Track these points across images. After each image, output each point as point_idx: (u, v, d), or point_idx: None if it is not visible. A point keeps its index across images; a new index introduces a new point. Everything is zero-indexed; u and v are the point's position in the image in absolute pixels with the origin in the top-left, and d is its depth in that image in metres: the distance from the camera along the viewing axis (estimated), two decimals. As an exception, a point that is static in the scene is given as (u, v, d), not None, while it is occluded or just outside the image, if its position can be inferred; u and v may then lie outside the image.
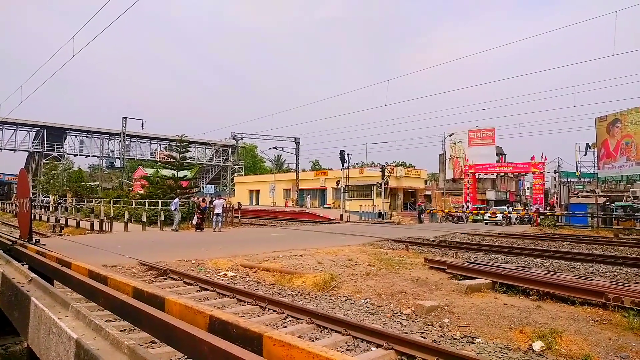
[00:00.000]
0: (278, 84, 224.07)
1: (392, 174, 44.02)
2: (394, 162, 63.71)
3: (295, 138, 54.84)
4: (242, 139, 57.22)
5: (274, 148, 55.37)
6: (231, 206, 29.71)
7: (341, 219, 36.86)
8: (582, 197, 36.57)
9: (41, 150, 56.17)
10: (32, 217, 7.88)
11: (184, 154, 33.03)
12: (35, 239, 5.96)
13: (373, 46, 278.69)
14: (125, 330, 4.94)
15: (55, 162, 56.15)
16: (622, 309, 6.12)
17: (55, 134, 57.12)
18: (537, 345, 5.09)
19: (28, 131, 56.25)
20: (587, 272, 10.34)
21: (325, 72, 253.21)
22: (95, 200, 37.17)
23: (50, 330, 2.60)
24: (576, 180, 51.12)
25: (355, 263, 10.42)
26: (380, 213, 39.62)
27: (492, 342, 5.33)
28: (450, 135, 53.83)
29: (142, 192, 34.54)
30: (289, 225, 31.18)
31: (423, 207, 40.59)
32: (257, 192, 60.35)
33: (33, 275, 3.88)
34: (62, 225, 25.94)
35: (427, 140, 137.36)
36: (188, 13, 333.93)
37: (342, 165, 44.02)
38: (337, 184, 45.45)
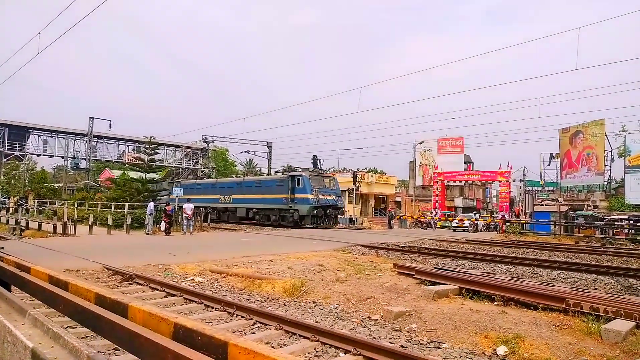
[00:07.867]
0: (251, 88, 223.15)
1: (363, 180, 44.42)
2: (366, 169, 64.34)
3: (267, 142, 54.52)
4: (213, 142, 56.40)
5: (245, 152, 54.81)
6: (201, 210, 29.28)
7: (312, 224, 36.80)
8: (546, 205, 37.76)
9: (2, 149, 53.91)
10: (-10, 219, 7.57)
11: (153, 156, 32.34)
12: (-8, 242, 5.72)
13: (346, 53, 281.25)
14: (87, 337, 4.79)
15: (17, 162, 54.03)
16: (582, 314, 6.34)
17: (17, 133, 54.83)
18: (501, 350, 5.21)
19: (-12, 130, 53.96)
20: (550, 279, 10.65)
21: (299, 77, 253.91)
22: (59, 202, 35.95)
23: (5, 338, 2.49)
24: (540, 189, 52.64)
25: (325, 268, 10.42)
26: (351, 218, 39.82)
27: (458, 347, 5.42)
28: (420, 143, 54.77)
29: (107, 194, 33.58)
30: (259, 230, 30.92)
31: (393, 213, 41.07)
32: (228, 196, 59.56)
33: (-12, 280, 3.72)
34: (23, 228, 24.98)
35: (398, 148, 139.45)
36: (160, 13, 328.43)
37: (314, 171, 43.93)
38: (309, 189, 45.31)
